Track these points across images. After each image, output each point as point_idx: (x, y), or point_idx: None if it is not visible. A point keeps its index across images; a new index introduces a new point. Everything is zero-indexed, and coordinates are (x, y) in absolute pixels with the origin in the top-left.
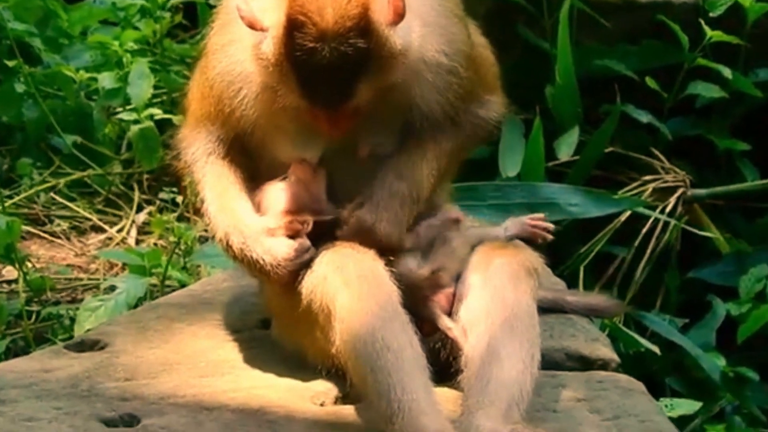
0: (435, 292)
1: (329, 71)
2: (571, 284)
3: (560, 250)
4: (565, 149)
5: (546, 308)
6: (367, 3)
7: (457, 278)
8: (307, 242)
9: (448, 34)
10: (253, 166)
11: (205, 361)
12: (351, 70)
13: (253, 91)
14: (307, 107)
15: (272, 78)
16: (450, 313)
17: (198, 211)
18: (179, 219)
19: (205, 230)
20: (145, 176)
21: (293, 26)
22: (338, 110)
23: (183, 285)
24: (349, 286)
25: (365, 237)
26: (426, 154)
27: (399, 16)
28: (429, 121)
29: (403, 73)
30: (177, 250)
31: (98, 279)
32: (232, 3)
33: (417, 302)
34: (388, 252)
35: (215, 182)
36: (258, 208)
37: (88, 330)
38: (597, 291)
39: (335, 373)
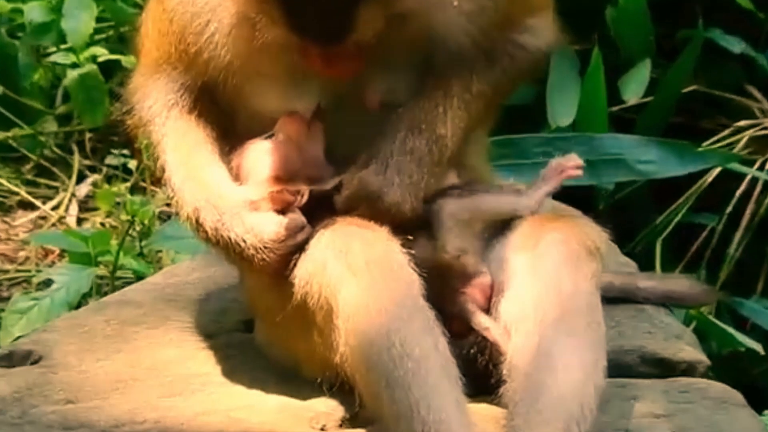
0: (466, 282)
1: None
2: (645, 265)
3: (630, 221)
4: (634, 89)
5: (613, 298)
6: None
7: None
8: (300, 218)
9: None
10: (227, 122)
11: (171, 376)
12: None
13: (225, 24)
14: (295, 44)
15: (249, 6)
16: (488, 309)
17: (158, 181)
18: (133, 190)
19: (168, 204)
20: (88, 136)
21: None
22: (336, 47)
23: (140, 277)
24: (356, 275)
25: (369, 206)
26: (451, 98)
27: None
28: (456, 57)
29: None
30: (131, 232)
31: (29, 271)
32: None
33: (444, 295)
34: (399, 227)
35: (179, 143)
36: (236, 175)
37: (18, 338)
38: (678, 273)
39: (339, 388)
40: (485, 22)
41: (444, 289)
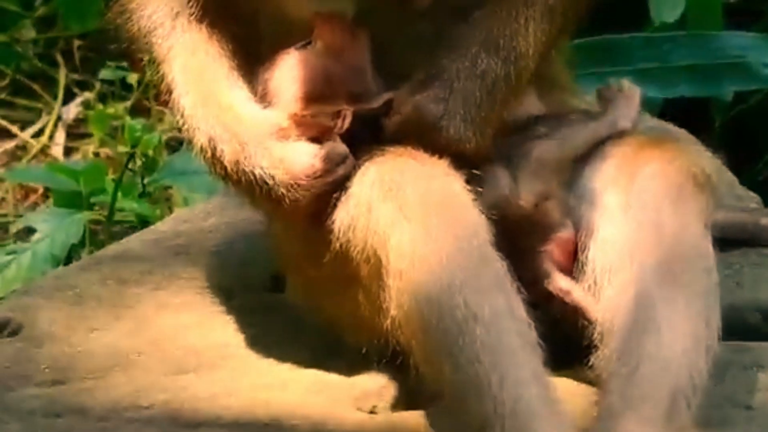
0: (544, 237)
1: None
2: None
3: (754, 140)
4: None
5: (729, 239)
6: None
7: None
8: (341, 147)
9: None
10: (246, 32)
11: (183, 348)
12: None
13: None
14: None
15: None
16: (570, 271)
17: (165, 101)
18: (134, 112)
19: (178, 129)
20: (76, 44)
21: None
22: None
23: (143, 221)
24: (410, 219)
25: (423, 138)
26: (533, 5)
27: None
28: None
29: None
30: (132, 166)
31: (6, 215)
32: None
33: (515, 254)
34: (462, 161)
35: (189, 59)
36: (263, 95)
37: None
38: None
39: (391, 359)
40: None
41: (516, 246)
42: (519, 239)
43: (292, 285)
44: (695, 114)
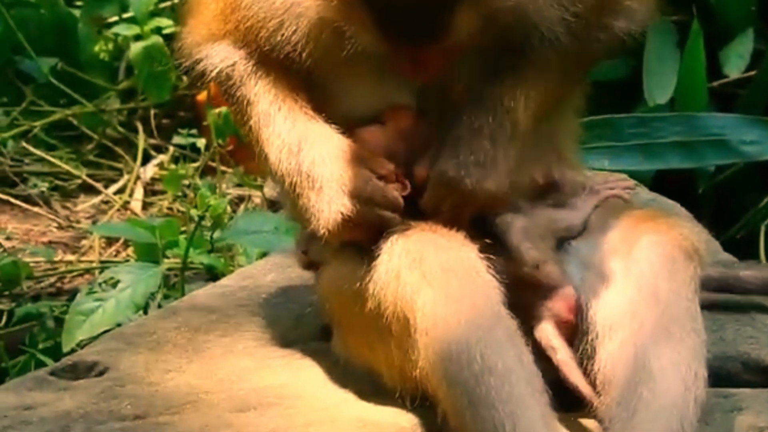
0: (548, 294)
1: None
2: (748, 253)
3: (732, 205)
4: (736, 63)
5: (710, 304)
6: None
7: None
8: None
9: None
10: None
11: (245, 389)
12: None
13: (303, 26)
14: (386, 50)
15: (335, 13)
16: (574, 324)
17: (232, 155)
18: (202, 172)
19: (239, 185)
20: (153, 112)
21: None
22: (429, 49)
23: (209, 268)
24: (432, 285)
25: (455, 195)
26: (522, 75)
27: None
28: (546, 45)
29: None
30: (203, 222)
31: (92, 262)
32: None
33: (522, 306)
34: (493, 209)
35: (272, 104)
36: None
37: (81, 342)
38: None
39: (422, 402)
40: (581, 8)
41: (522, 302)
42: (524, 296)
43: (336, 336)
44: (682, 182)
